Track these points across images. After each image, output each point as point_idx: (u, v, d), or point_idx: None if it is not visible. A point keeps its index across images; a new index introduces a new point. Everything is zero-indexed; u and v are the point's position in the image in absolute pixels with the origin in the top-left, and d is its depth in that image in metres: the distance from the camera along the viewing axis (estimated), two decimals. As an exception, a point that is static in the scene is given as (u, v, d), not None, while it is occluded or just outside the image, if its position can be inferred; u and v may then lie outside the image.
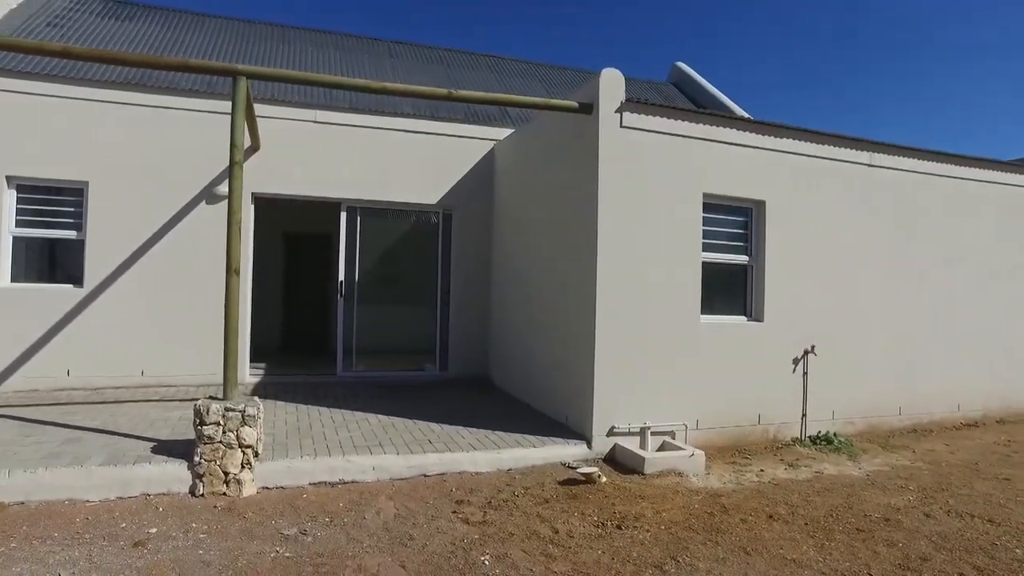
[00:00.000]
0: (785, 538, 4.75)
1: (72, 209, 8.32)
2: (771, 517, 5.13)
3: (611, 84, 6.50)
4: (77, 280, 8.25)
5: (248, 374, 8.87)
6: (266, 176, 8.75)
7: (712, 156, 6.94)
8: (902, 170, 8.00)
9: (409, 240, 9.86)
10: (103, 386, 8.20)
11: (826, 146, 7.54)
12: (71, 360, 8.11)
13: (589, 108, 6.58)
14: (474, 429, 6.74)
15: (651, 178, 6.62)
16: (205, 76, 8.96)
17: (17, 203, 8.17)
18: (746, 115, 12.08)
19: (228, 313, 5.53)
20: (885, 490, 5.93)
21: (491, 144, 9.77)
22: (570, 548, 4.47)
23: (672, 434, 6.65)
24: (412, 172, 9.41)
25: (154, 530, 4.59)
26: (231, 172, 5.57)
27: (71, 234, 8.31)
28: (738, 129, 7.12)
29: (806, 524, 5.03)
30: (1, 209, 8.02)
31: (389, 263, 9.77)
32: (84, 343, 8.13)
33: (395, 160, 9.34)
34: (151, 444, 5.77)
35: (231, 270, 5.53)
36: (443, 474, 5.85)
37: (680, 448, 6.34)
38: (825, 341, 7.42)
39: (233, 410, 5.30)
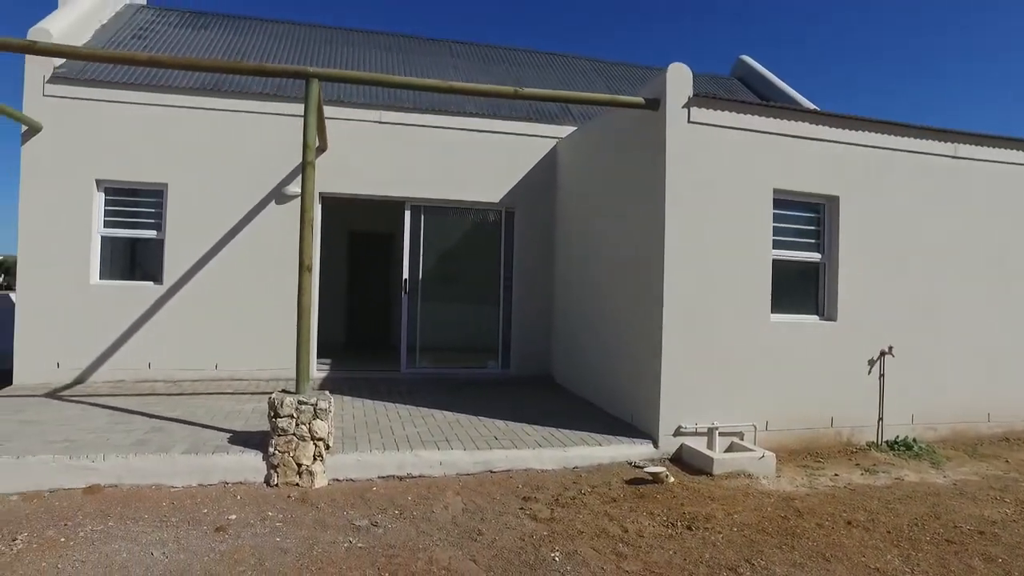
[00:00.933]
0: (867, 546, 4.57)
1: (153, 210, 8.72)
2: (849, 523, 4.95)
3: (678, 79, 6.39)
4: (157, 277, 8.64)
5: (315, 369, 9.10)
6: (333, 176, 8.97)
7: (782, 150, 6.74)
8: (990, 161, 7.59)
9: (472, 238, 9.94)
10: (181, 379, 8.56)
11: (906, 138, 7.21)
12: (152, 353, 8.49)
13: (656, 104, 6.49)
14: (539, 427, 6.74)
15: (719, 174, 6.48)
16: (274, 80, 9.24)
17: (105, 205, 8.60)
18: (814, 108, 11.70)
19: (301, 309, 5.68)
20: (976, 501, 5.63)
21: (553, 142, 9.75)
22: (640, 547, 4.41)
23: (740, 435, 6.50)
24: (475, 171, 9.48)
25: (233, 516, 4.76)
26: (304, 172, 5.72)
27: (151, 233, 8.71)
28: (809, 122, 6.89)
29: (888, 532, 4.83)
30: (92, 210, 8.47)
31: (452, 261, 9.87)
32: (163, 337, 8.51)
33: (458, 159, 9.43)
34: (227, 435, 5.99)
35: (304, 267, 5.68)
36: (509, 471, 5.86)
37: (749, 449, 6.18)
38: (904, 342, 7.11)
39: (306, 403, 5.45)
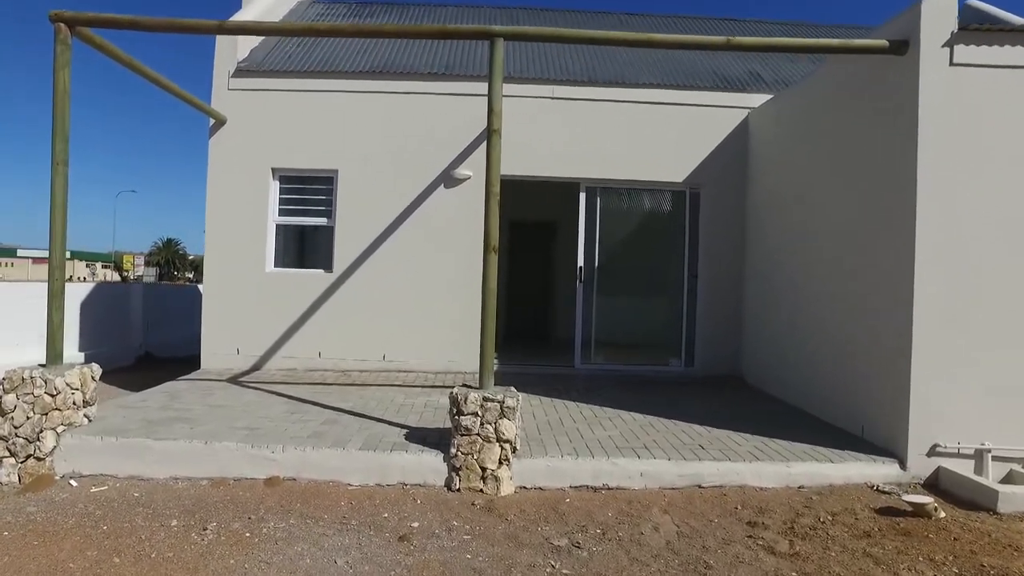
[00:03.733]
0: None
1: (324, 197, 8.65)
2: None
3: (937, 11, 5.12)
4: (327, 265, 8.55)
5: (488, 362, 8.64)
6: (503, 156, 8.40)
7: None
8: None
9: (652, 222, 9.02)
10: (349, 368, 8.40)
11: None
12: (322, 342, 8.41)
13: (903, 46, 5.25)
14: (747, 435, 5.73)
15: (996, 131, 5.12)
16: (443, 58, 8.90)
17: (279, 193, 8.65)
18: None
19: (486, 292, 5.10)
20: None
21: (743, 113, 8.61)
22: (936, 608, 3.34)
23: (1022, 462, 5.11)
24: (655, 147, 8.56)
25: (416, 524, 4.25)
26: (489, 141, 5.15)
27: (322, 221, 8.64)
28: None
29: None
30: (268, 199, 8.54)
31: (630, 247, 9.01)
32: (333, 326, 8.39)
33: (637, 135, 8.56)
34: (403, 431, 5.55)
35: (489, 247, 5.10)
36: (721, 486, 4.94)
37: (1039, 480, 4.80)
38: None
39: (492, 400, 4.85)
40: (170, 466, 4.96)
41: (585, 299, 8.77)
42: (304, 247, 8.83)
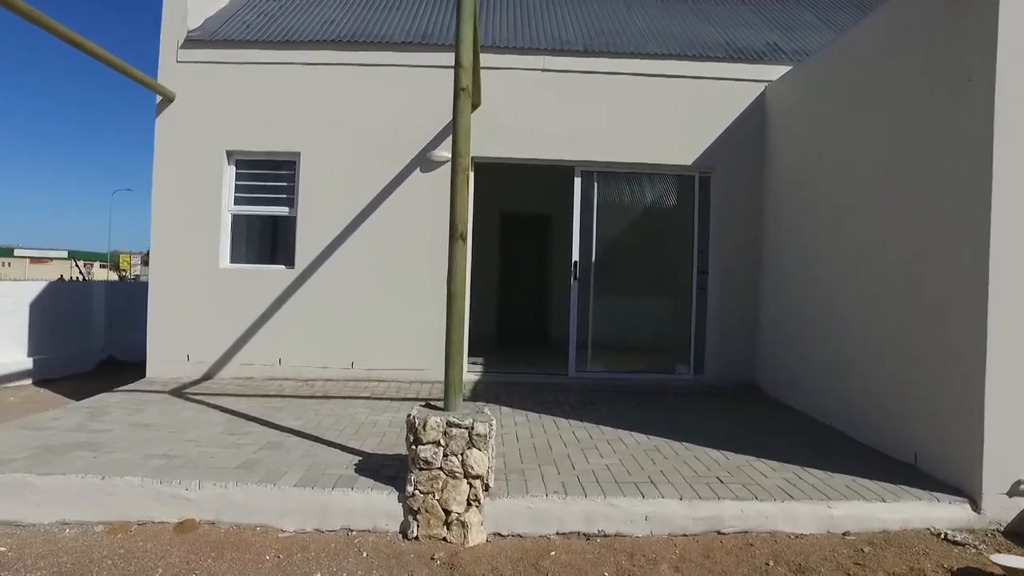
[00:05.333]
0: None
1: (285, 184, 7.67)
2: None
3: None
4: (288, 261, 7.56)
5: (465, 370, 7.63)
6: (487, 137, 7.43)
7: None
8: None
9: (657, 210, 7.99)
10: (312, 377, 7.41)
11: None
12: (282, 348, 7.43)
13: (970, -15, 4.24)
14: (773, 462, 4.73)
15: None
16: (420, 27, 7.91)
17: (235, 179, 7.67)
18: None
19: (451, 292, 4.10)
20: None
21: (760, 87, 7.59)
22: None
23: None
24: (661, 126, 7.54)
25: (357, 589, 3.26)
26: (456, 103, 4.14)
27: (283, 211, 7.65)
28: None
29: None
30: (222, 185, 7.56)
31: (631, 239, 7.98)
32: (295, 330, 7.41)
33: (639, 112, 7.54)
34: (355, 459, 4.56)
35: (456, 234, 4.09)
36: (746, 532, 3.95)
37: None
38: None
39: (458, 426, 3.85)
40: (58, 508, 3.98)
41: (581, 298, 7.74)
42: (263, 240, 7.84)
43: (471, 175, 7.57)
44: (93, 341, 10.29)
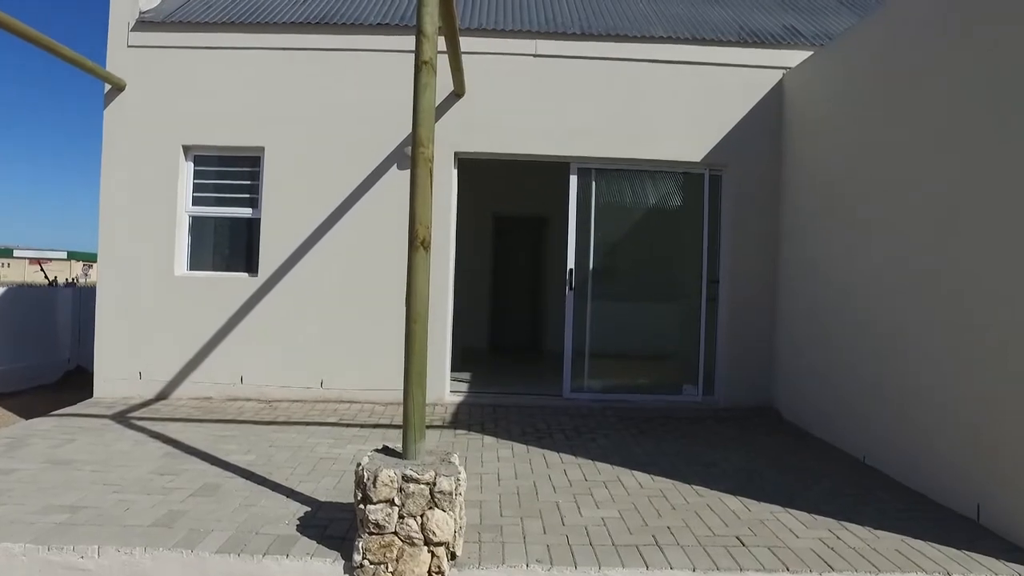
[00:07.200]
0: None
1: (248, 182, 6.91)
2: None
3: None
4: (251, 267, 6.80)
5: (448, 391, 6.85)
6: (473, 130, 6.67)
7: None
8: None
9: (662, 211, 7.17)
10: (277, 398, 6.64)
11: None
12: (244, 364, 6.66)
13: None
14: (803, 513, 3.96)
15: None
16: (398, 8, 7.17)
17: (193, 177, 6.91)
18: None
19: (411, 313, 3.31)
20: None
21: (777, 75, 6.80)
22: None
23: None
24: (667, 118, 6.75)
25: None
26: (417, 80, 3.38)
27: (247, 212, 6.89)
28: None
29: None
30: (179, 184, 6.81)
31: (634, 245, 7.18)
32: (258, 344, 6.65)
33: (644, 102, 6.75)
34: (302, 509, 3.80)
35: (416, 241, 3.31)
36: (776, 616, 3.16)
37: None
38: None
39: (416, 481, 3.08)
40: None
41: (577, 310, 6.93)
42: (223, 245, 7.08)
43: (455, 176, 6.83)
44: (59, 351, 9.58)
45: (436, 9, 3.43)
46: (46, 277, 16.23)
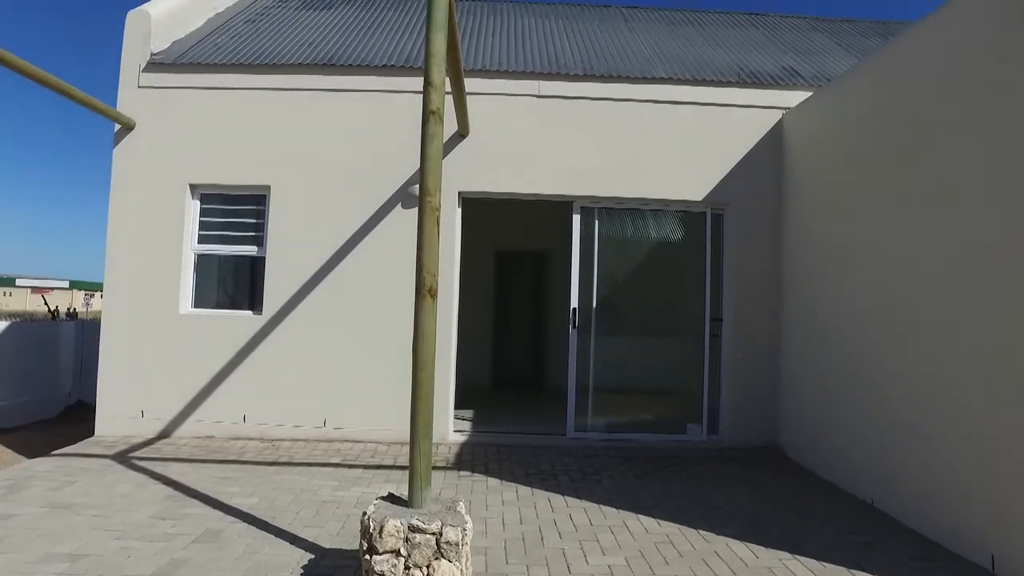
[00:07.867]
0: None
1: (253, 220, 6.95)
2: None
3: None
4: (256, 306, 6.81)
5: (452, 430, 6.81)
6: (477, 170, 6.74)
7: None
8: None
9: (665, 251, 7.20)
10: (280, 437, 6.60)
11: None
12: (248, 403, 6.63)
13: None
14: (810, 561, 3.91)
15: None
16: (404, 50, 7.30)
17: (200, 215, 6.96)
18: None
19: (418, 362, 3.32)
20: None
21: (777, 114, 6.89)
22: None
23: None
24: (668, 157, 6.83)
25: None
26: (424, 129, 3.43)
27: (252, 250, 6.92)
28: None
29: None
30: (185, 222, 6.85)
31: (637, 284, 7.19)
32: (262, 383, 6.62)
33: (645, 142, 6.84)
34: (306, 556, 3.76)
35: (423, 289, 3.33)
36: (788, 671, 3.10)
37: None
38: None
39: (422, 531, 3.05)
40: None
41: (580, 349, 6.92)
42: (228, 283, 7.10)
43: (459, 215, 6.88)
44: (60, 386, 9.57)
45: (443, 59, 3.49)
46: (47, 306, 16.33)
